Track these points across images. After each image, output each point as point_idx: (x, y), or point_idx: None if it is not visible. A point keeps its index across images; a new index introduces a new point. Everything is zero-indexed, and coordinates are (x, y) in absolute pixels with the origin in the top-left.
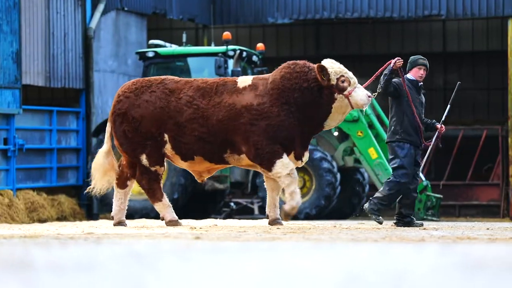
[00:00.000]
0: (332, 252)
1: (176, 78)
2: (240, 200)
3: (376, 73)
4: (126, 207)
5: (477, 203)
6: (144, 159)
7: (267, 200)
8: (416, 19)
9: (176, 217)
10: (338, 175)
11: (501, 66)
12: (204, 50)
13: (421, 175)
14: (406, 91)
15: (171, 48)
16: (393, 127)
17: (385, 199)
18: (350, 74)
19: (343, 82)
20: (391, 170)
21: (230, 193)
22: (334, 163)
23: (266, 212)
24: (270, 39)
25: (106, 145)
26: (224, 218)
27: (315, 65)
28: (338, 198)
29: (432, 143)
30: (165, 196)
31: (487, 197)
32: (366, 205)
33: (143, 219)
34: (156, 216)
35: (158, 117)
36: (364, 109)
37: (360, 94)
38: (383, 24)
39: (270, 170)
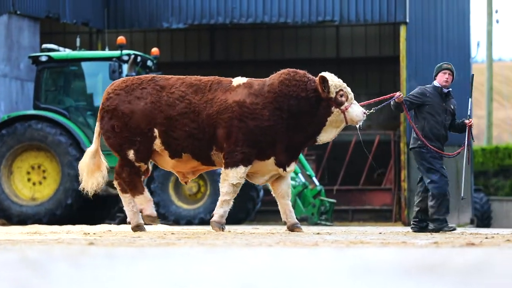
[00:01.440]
0: (227, 257)
1: (167, 76)
2: None
3: (377, 99)
4: (138, 210)
5: (370, 208)
6: (131, 154)
7: (280, 208)
8: (310, 24)
9: (156, 214)
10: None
11: (393, 72)
12: (98, 54)
13: (315, 180)
14: (406, 112)
15: (65, 53)
16: (415, 134)
17: (441, 209)
18: (348, 89)
19: (341, 96)
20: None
21: None
22: None
23: (283, 219)
24: (164, 44)
25: (94, 145)
26: (118, 224)
27: (317, 77)
28: (233, 203)
29: (466, 140)
30: (146, 190)
31: (380, 202)
32: (431, 226)
33: (36, 225)
34: (49, 221)
35: (148, 112)
36: (359, 125)
37: (356, 110)
38: (278, 29)
39: (227, 167)
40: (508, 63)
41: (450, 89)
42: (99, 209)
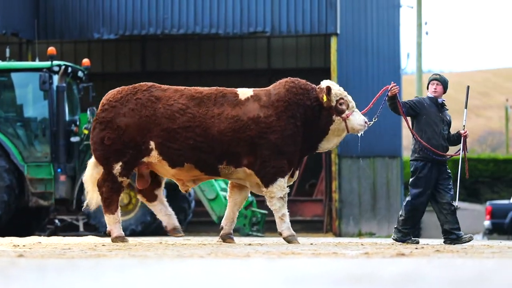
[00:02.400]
0: (158, 268)
1: (163, 86)
2: (65, 217)
3: (373, 100)
4: (172, 212)
5: (301, 219)
6: (117, 167)
7: (227, 212)
8: (242, 35)
9: (123, 234)
10: (164, 191)
11: None
12: (28, 65)
13: None
14: (402, 113)
15: None
16: (412, 146)
17: (408, 222)
18: (349, 97)
19: (341, 104)
20: (217, 186)
21: (55, 210)
22: None
23: (222, 224)
24: (95, 54)
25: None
26: (48, 235)
27: (320, 85)
28: None
29: (461, 150)
30: (119, 210)
31: (311, 213)
32: (393, 236)
33: None
34: None
35: (144, 125)
36: (359, 134)
37: (357, 119)
38: (209, 40)
39: (267, 186)
40: None
41: (445, 100)
42: (29, 221)
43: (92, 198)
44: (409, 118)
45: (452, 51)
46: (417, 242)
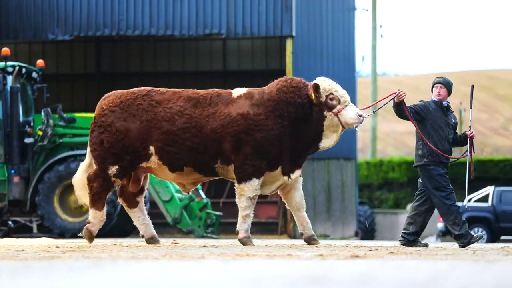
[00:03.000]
0: (113, 270)
1: (161, 89)
2: (18, 219)
3: (377, 101)
4: (150, 221)
5: (256, 221)
6: (113, 169)
7: (297, 220)
8: (197, 37)
9: (95, 233)
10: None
11: None
12: None
13: (201, 192)
14: (410, 119)
15: None
16: (420, 151)
17: (456, 227)
18: (340, 92)
19: (331, 100)
20: (172, 188)
21: (8, 211)
22: None
23: (300, 231)
24: (50, 55)
25: (87, 159)
26: (1, 237)
27: (311, 83)
28: (119, 216)
29: (468, 151)
30: (105, 209)
31: (266, 215)
32: (458, 245)
33: None
34: None
35: (144, 130)
36: (356, 128)
37: (350, 112)
38: (164, 42)
39: (240, 182)
40: (392, 77)
41: (450, 102)
42: None
43: (80, 197)
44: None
45: (407, 54)
46: (427, 245)
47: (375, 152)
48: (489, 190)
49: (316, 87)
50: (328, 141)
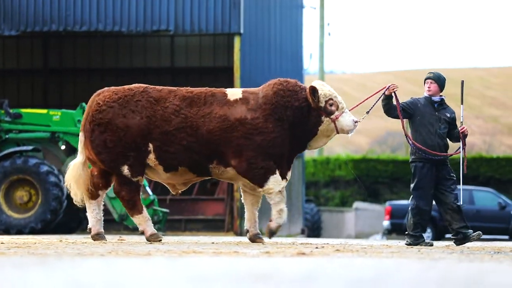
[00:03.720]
0: (58, 267)
1: (157, 87)
2: None
3: (368, 97)
4: (101, 216)
5: (203, 218)
6: (125, 170)
7: (247, 215)
8: (145, 33)
9: (156, 231)
10: (65, 189)
11: (227, 82)
12: None
13: (148, 189)
14: (399, 113)
15: None
16: (410, 148)
17: (417, 225)
18: (339, 98)
19: (331, 105)
20: None
21: None
22: (61, 177)
23: (246, 227)
24: None
25: (81, 156)
26: None
27: (308, 86)
28: (65, 212)
29: (461, 147)
30: (144, 208)
31: (213, 212)
32: (406, 241)
33: None
34: None
35: (144, 126)
36: (350, 135)
37: (346, 119)
38: (112, 38)
39: (262, 185)
40: (339, 75)
41: (444, 97)
42: None
43: (76, 195)
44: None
45: (355, 53)
46: (431, 245)
47: (322, 150)
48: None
49: (313, 90)
50: (316, 143)
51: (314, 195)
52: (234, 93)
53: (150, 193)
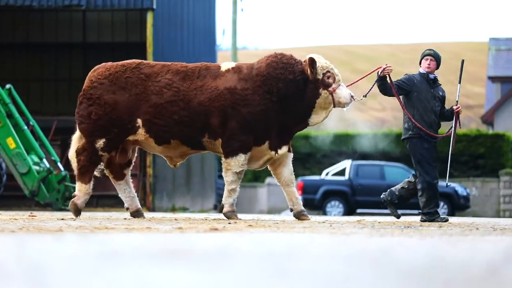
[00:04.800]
0: None
1: (151, 62)
2: None
3: (363, 76)
4: (135, 194)
5: (115, 194)
6: (101, 142)
7: (287, 196)
8: (56, 8)
9: (83, 207)
10: (3, 164)
11: (140, 58)
12: None
13: (60, 165)
14: (395, 93)
15: None
16: (406, 124)
17: (431, 201)
18: (336, 70)
19: (328, 78)
20: (30, 161)
21: None
22: None
23: (290, 206)
24: None
25: (78, 131)
26: None
27: (306, 58)
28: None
29: (453, 126)
30: (91, 183)
31: None
32: (422, 218)
33: None
34: None
35: (133, 103)
36: (345, 108)
37: (344, 92)
38: (23, 12)
39: (227, 157)
40: (252, 51)
41: (437, 75)
42: None
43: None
44: (401, 98)
45: (267, 28)
46: (447, 220)
47: None
48: (346, 164)
49: (312, 61)
50: (317, 117)
51: None
52: (227, 65)
53: (62, 169)
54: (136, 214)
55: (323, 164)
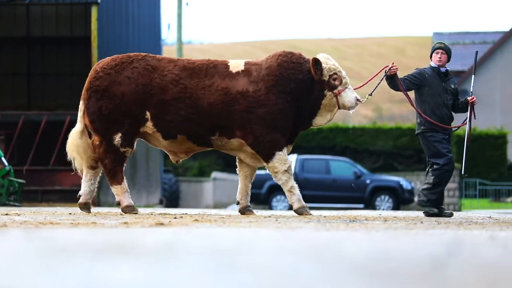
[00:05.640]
0: None
1: (158, 56)
2: None
3: (370, 78)
4: (96, 189)
5: (60, 188)
6: (117, 138)
7: (239, 187)
8: (0, 2)
9: (133, 203)
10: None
11: (85, 52)
12: None
13: (4, 160)
14: (403, 91)
15: None
16: (418, 119)
17: (436, 193)
18: (343, 73)
19: (334, 80)
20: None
21: None
22: None
23: (237, 199)
24: None
25: (79, 124)
26: None
27: (310, 58)
28: None
29: (468, 117)
30: (125, 180)
31: (70, 183)
32: (416, 199)
33: None
34: None
35: (140, 94)
36: (351, 111)
37: (349, 95)
38: None
39: (267, 160)
40: (197, 45)
41: (448, 68)
42: None
43: (79, 165)
44: (410, 93)
45: (212, 23)
46: (451, 214)
47: None
48: (292, 158)
49: (316, 62)
50: (321, 119)
51: (172, 165)
52: (236, 65)
53: (6, 163)
54: (84, 207)
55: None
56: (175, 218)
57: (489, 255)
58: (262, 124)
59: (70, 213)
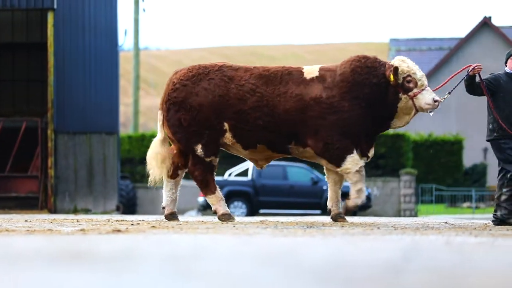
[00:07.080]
0: None
1: (234, 65)
2: None
3: (450, 76)
4: (177, 197)
5: (16, 195)
6: (199, 149)
7: (329, 194)
8: None
9: (229, 211)
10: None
11: (41, 58)
12: None
13: None
14: (484, 91)
15: None
16: (490, 125)
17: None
18: (418, 75)
19: (408, 82)
20: None
21: None
22: None
23: (328, 206)
24: None
25: (160, 134)
26: None
27: (387, 61)
28: None
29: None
30: (218, 188)
31: (26, 189)
32: (499, 213)
33: None
34: None
35: (217, 105)
36: (430, 113)
37: (426, 97)
38: None
39: (339, 165)
40: (154, 51)
41: None
42: None
43: (156, 174)
44: (481, 99)
45: (169, 29)
46: None
47: (137, 127)
48: (249, 164)
49: (395, 69)
50: (399, 122)
51: (129, 171)
52: (310, 71)
53: None
54: (171, 217)
55: (226, 165)
56: (132, 225)
57: (445, 260)
58: (334, 130)
59: (26, 220)
